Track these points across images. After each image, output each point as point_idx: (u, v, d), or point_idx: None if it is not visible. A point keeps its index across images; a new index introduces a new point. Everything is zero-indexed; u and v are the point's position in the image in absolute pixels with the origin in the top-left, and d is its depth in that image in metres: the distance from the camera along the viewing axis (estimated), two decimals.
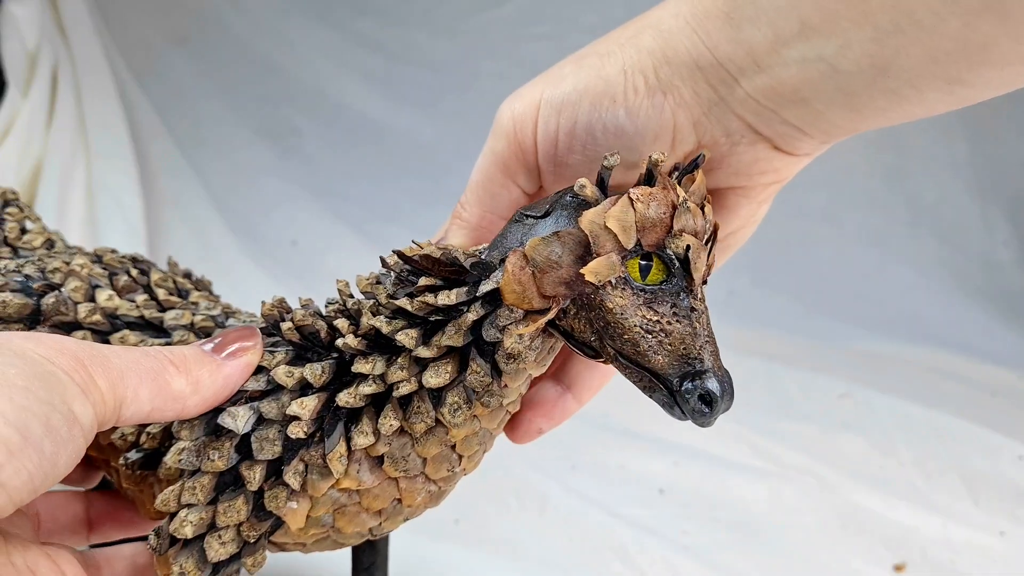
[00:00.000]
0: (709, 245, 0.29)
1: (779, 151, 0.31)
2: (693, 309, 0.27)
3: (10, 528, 0.29)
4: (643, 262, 0.27)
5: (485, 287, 0.28)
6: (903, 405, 0.81)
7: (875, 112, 0.28)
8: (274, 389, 0.30)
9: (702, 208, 0.28)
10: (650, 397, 0.27)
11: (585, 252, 0.27)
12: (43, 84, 0.88)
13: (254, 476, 0.29)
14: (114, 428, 0.33)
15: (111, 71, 1.00)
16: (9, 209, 0.41)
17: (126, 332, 0.34)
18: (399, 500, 0.32)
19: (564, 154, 0.32)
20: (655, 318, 0.27)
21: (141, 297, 0.35)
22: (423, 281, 0.29)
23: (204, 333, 0.34)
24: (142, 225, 0.84)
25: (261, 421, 0.30)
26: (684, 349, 0.27)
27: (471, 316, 0.28)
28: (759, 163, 0.31)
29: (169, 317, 0.34)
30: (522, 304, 0.28)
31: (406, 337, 0.29)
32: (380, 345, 0.30)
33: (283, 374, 0.30)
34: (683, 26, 0.29)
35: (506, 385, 0.30)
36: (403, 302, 0.29)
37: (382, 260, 0.31)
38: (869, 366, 0.94)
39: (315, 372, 0.30)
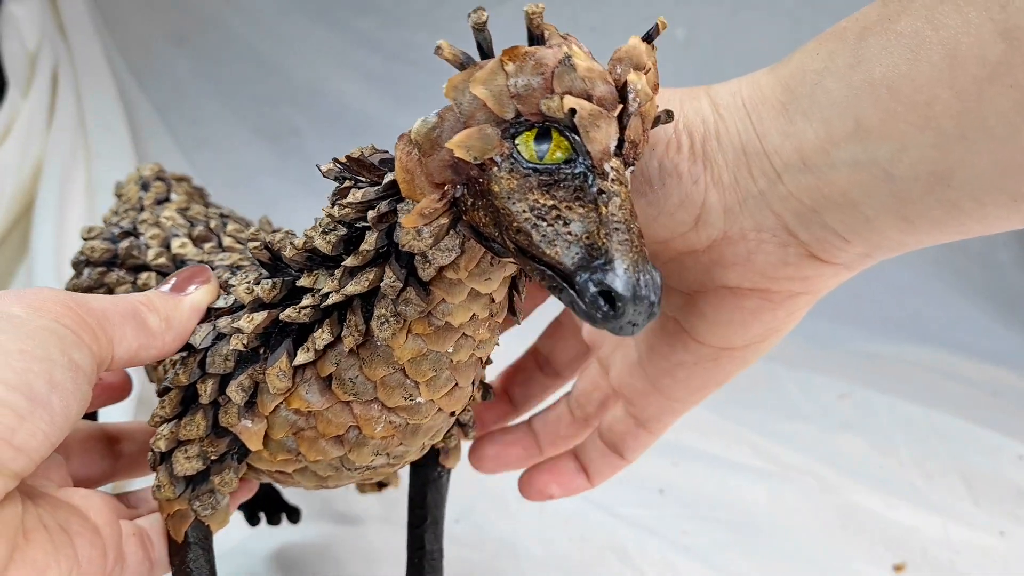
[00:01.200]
0: (630, 116, 0.24)
1: (814, 258, 0.29)
2: (601, 192, 0.23)
3: (41, 477, 0.29)
4: (541, 139, 0.23)
5: (386, 179, 0.26)
6: (903, 405, 0.81)
7: (930, 224, 0.26)
8: (239, 307, 0.30)
9: (625, 77, 0.24)
10: (558, 298, 0.23)
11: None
12: (43, 84, 0.89)
13: (205, 390, 0.30)
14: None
15: (111, 71, 1.00)
16: (156, 183, 0.44)
17: None
18: (358, 428, 0.30)
19: None
20: (550, 203, 0.23)
21: (209, 245, 0.37)
22: (346, 184, 0.27)
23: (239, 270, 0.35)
24: None
25: (220, 337, 0.30)
26: (587, 239, 0.22)
27: (372, 214, 0.26)
28: (787, 267, 0.29)
29: (218, 259, 0.35)
30: (415, 195, 0.25)
31: (323, 242, 0.27)
32: (328, 260, 0.28)
33: (243, 291, 0.30)
34: (739, 106, 0.28)
35: (444, 300, 0.27)
36: (333, 209, 0.27)
37: (318, 167, 0.29)
38: (869, 366, 0.93)
39: (265, 288, 0.29)
